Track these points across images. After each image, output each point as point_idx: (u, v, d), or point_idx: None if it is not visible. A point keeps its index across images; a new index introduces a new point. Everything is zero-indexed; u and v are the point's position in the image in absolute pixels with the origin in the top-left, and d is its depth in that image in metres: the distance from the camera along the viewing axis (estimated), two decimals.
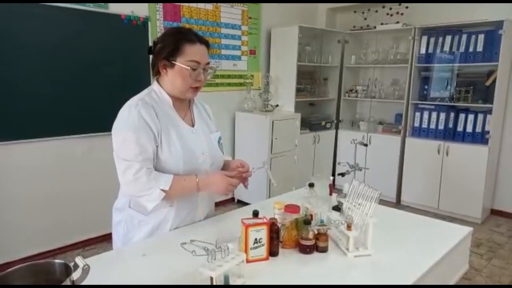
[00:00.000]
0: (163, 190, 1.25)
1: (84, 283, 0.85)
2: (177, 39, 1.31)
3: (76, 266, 0.85)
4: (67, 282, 0.82)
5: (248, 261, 1.13)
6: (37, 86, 2.67)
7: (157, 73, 1.37)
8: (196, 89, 1.37)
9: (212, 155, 1.43)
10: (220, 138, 1.53)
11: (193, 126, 1.43)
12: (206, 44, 1.37)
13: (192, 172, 1.35)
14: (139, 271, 1.12)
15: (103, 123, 2.26)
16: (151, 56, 1.37)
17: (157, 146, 1.30)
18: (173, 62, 1.30)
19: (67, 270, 0.86)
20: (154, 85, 1.39)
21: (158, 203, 1.27)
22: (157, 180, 1.25)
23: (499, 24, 3.39)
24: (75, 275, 0.85)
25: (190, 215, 1.43)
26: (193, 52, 1.31)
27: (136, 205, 1.37)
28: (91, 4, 2.84)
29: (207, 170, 1.38)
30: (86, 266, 0.84)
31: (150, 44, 3.18)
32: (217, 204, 3.96)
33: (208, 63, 1.36)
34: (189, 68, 1.30)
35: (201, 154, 1.39)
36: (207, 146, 1.43)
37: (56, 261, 0.90)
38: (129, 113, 1.28)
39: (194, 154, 1.36)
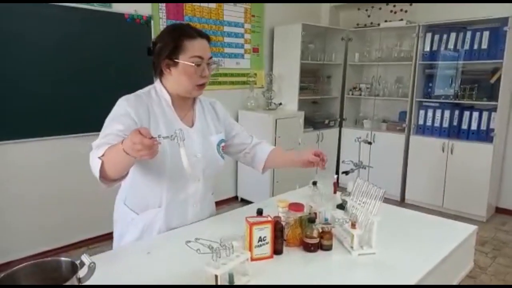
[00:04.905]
0: (100, 158, 1.12)
1: (90, 281, 0.85)
2: (176, 36, 1.27)
3: (82, 264, 0.85)
4: (74, 280, 0.83)
5: (252, 259, 1.13)
6: (40, 85, 2.68)
7: (161, 74, 1.33)
8: (202, 86, 1.33)
9: (206, 159, 1.38)
10: (221, 141, 1.46)
11: (192, 126, 1.39)
12: (207, 37, 1.33)
13: (180, 176, 1.30)
14: (144, 269, 1.13)
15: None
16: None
17: None
18: (176, 60, 1.27)
19: (74, 268, 0.86)
20: (157, 84, 1.37)
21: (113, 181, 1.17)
22: (99, 150, 1.14)
23: (504, 21, 3.37)
24: (81, 273, 0.85)
25: (179, 218, 1.39)
26: (195, 47, 1.27)
27: (130, 202, 1.37)
28: (95, 3, 2.85)
29: (198, 175, 1.33)
30: (92, 264, 0.84)
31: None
32: (220, 203, 4.00)
33: (211, 57, 1.32)
34: (193, 64, 1.26)
35: (193, 156, 1.33)
36: (201, 148, 1.37)
37: (63, 259, 0.90)
38: (117, 105, 1.28)
39: None
